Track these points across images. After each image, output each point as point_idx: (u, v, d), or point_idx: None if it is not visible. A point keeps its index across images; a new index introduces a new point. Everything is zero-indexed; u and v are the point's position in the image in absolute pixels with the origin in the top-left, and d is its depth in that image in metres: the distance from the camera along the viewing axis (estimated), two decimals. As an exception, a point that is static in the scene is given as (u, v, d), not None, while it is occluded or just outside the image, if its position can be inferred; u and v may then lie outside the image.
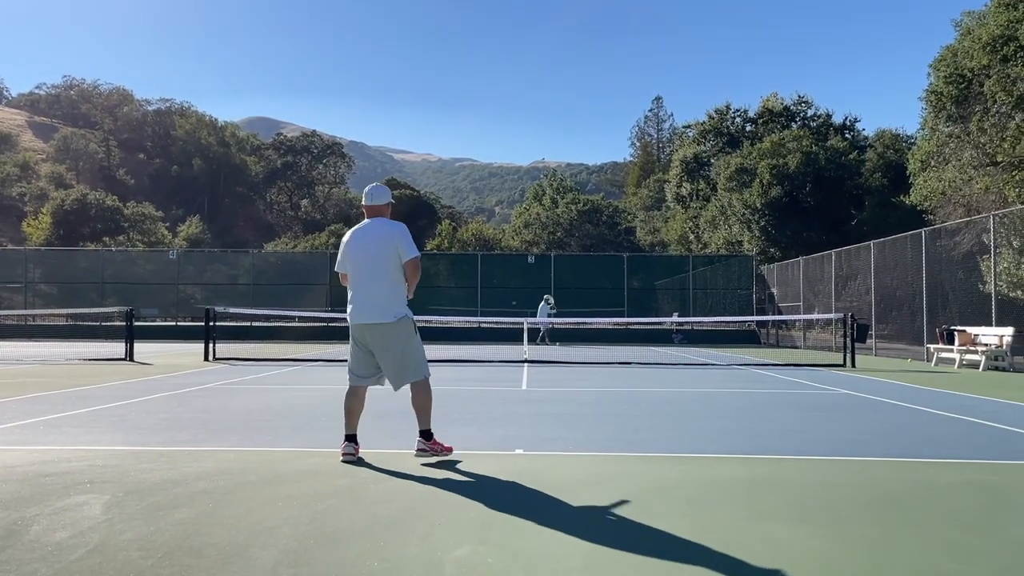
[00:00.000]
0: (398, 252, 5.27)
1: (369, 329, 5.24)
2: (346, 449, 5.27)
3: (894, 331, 21.85)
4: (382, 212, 5.49)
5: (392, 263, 5.27)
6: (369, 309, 5.23)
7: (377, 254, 5.27)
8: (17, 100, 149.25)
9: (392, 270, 5.28)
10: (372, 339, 5.26)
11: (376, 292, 5.25)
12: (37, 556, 3.17)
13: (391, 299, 5.26)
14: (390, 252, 5.26)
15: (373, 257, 5.27)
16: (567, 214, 71.46)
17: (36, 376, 12.40)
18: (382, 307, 5.22)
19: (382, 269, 5.26)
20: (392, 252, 5.26)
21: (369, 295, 5.25)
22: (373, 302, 5.24)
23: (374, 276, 5.27)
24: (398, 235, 5.30)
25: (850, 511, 4.05)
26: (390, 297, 5.26)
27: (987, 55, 24.28)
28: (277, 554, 3.22)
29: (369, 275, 5.28)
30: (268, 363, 16.04)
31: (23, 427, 6.80)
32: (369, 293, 5.26)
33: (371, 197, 5.50)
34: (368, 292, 5.26)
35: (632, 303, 33.55)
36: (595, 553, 3.30)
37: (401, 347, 5.24)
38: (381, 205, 5.50)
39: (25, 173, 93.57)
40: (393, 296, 5.27)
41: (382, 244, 5.28)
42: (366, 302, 5.25)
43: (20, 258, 37.37)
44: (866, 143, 46.63)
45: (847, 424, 7.46)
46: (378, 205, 5.49)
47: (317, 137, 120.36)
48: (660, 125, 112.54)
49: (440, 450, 5.26)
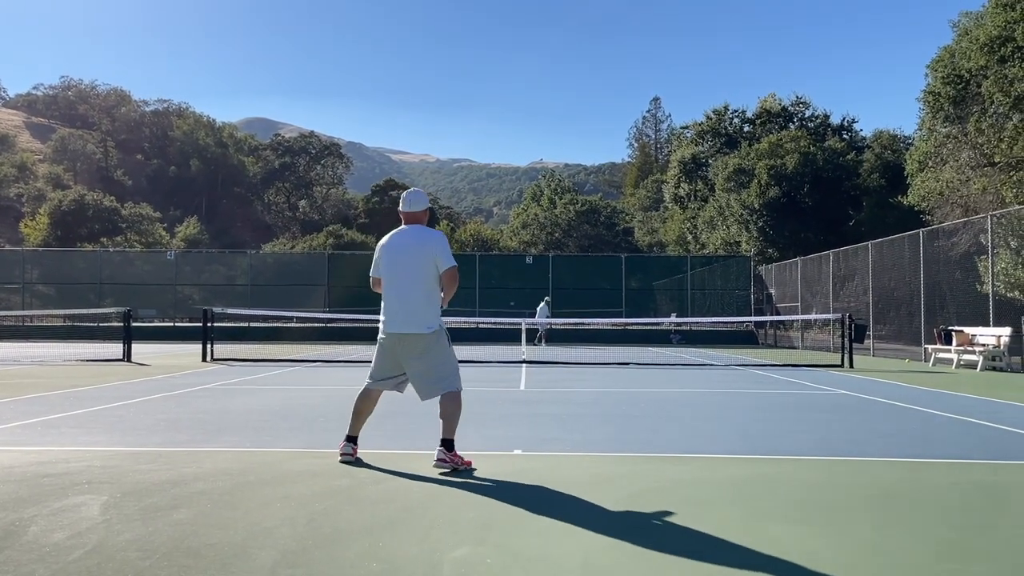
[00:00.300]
0: (435, 261, 5.12)
1: (402, 339, 5.10)
2: (345, 449, 5.22)
3: (892, 331, 21.88)
4: (419, 219, 5.31)
5: (429, 272, 5.12)
6: (404, 319, 5.09)
7: (414, 262, 5.12)
8: (14, 100, 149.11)
9: (429, 279, 5.13)
10: (404, 349, 5.11)
11: (412, 301, 5.09)
12: (35, 557, 3.17)
13: (426, 309, 5.10)
14: (427, 261, 5.11)
15: (409, 265, 5.12)
16: (565, 215, 71.49)
17: (34, 377, 12.39)
18: (417, 317, 5.07)
19: (418, 278, 5.11)
20: (430, 261, 5.11)
21: (404, 304, 5.10)
22: (408, 311, 5.09)
23: (410, 284, 5.11)
24: (436, 244, 5.15)
25: (848, 511, 4.05)
26: (426, 307, 5.10)
27: (984, 56, 24.31)
28: (276, 555, 3.21)
29: (405, 283, 5.12)
30: (266, 364, 16.03)
31: (21, 428, 6.79)
32: (404, 302, 5.10)
33: (409, 203, 5.32)
34: (403, 301, 5.11)
35: (630, 304, 33.58)
36: (593, 553, 3.30)
37: (433, 358, 5.11)
38: (419, 212, 5.32)
39: (22, 174, 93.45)
40: (428, 306, 5.11)
41: (420, 252, 5.13)
42: (400, 311, 5.11)
43: (17, 259, 37.35)
44: (864, 144, 46.72)
45: (845, 424, 7.46)
46: (416, 212, 5.30)
47: (315, 138, 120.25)
48: (658, 126, 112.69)
49: (460, 463, 5.02)
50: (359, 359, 18.13)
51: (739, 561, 3.19)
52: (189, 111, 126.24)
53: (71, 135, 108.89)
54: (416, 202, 5.34)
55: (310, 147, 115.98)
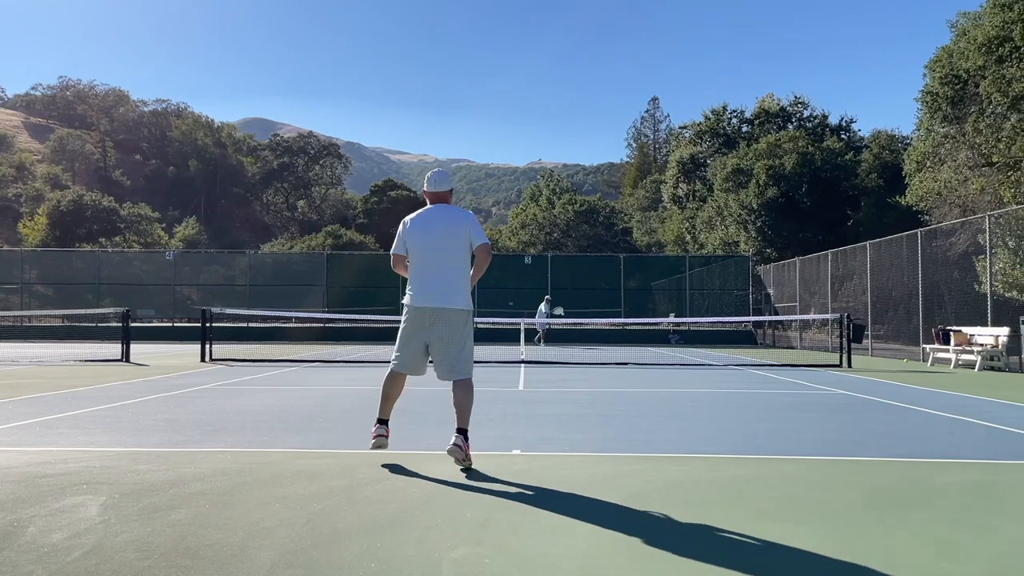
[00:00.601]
0: (469, 238, 5.18)
1: (438, 313, 5.06)
2: (378, 431, 5.18)
3: (890, 331, 21.90)
4: (445, 198, 5.38)
5: (463, 249, 5.16)
6: (440, 293, 5.07)
7: (448, 238, 5.15)
8: (13, 101, 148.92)
9: (463, 256, 5.17)
10: (436, 324, 5.07)
11: (448, 277, 5.10)
12: (33, 558, 3.16)
13: (463, 285, 5.15)
14: (462, 237, 5.16)
15: (443, 241, 5.14)
16: (564, 215, 71.51)
17: (32, 377, 12.37)
18: (455, 293, 5.09)
19: (453, 254, 5.14)
20: (464, 237, 5.16)
21: (440, 279, 5.09)
22: (444, 286, 5.08)
23: (445, 260, 5.12)
24: (470, 220, 5.24)
25: (846, 511, 4.05)
26: (463, 283, 5.15)
27: (982, 56, 24.33)
28: (274, 555, 3.21)
29: (439, 259, 5.12)
30: (265, 364, 16.03)
31: (19, 428, 6.78)
32: (440, 277, 5.10)
33: (435, 183, 5.38)
34: (438, 276, 5.10)
35: (629, 304, 33.59)
36: (592, 553, 3.30)
37: (461, 339, 5.12)
38: (444, 191, 5.38)
39: (21, 174, 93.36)
40: (464, 283, 5.16)
41: (454, 229, 5.17)
42: (435, 285, 5.09)
43: (16, 259, 37.32)
44: (862, 144, 46.71)
45: (843, 424, 7.47)
46: (441, 191, 5.37)
47: (314, 138, 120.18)
48: (656, 126, 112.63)
49: (469, 458, 5.02)
50: (358, 359, 18.12)
51: (738, 561, 3.20)
52: (188, 111, 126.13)
53: (70, 135, 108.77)
54: (442, 182, 5.41)
55: (309, 147, 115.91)
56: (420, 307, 5.12)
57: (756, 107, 52.38)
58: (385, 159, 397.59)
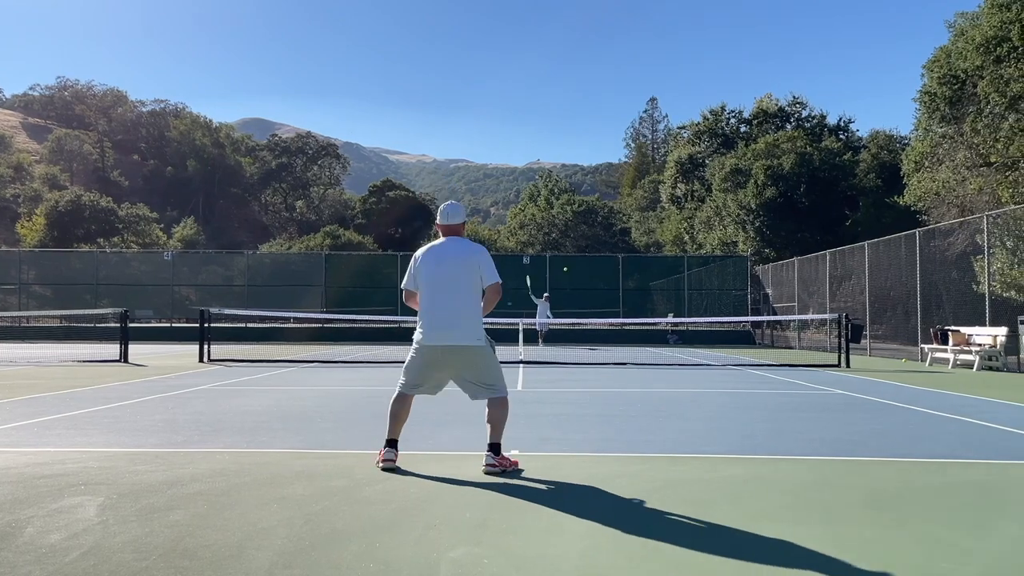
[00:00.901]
0: (480, 274, 5.12)
1: (452, 352, 5.04)
2: (387, 455, 5.06)
3: (888, 331, 21.91)
4: (458, 231, 5.31)
5: (475, 283, 5.11)
6: (453, 331, 5.03)
7: (460, 274, 5.09)
8: (11, 101, 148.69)
9: (475, 290, 5.12)
10: (453, 361, 5.06)
11: (461, 312, 5.05)
12: (31, 558, 3.16)
13: (475, 320, 5.10)
14: (473, 272, 5.10)
15: (456, 276, 5.08)
16: (562, 215, 71.52)
17: (30, 378, 12.36)
18: (467, 329, 5.05)
19: (465, 289, 5.08)
20: (475, 274, 5.10)
21: (452, 316, 5.04)
22: (457, 323, 5.03)
23: (458, 295, 5.06)
24: (481, 256, 5.17)
25: (845, 511, 4.06)
26: (474, 318, 5.10)
27: (980, 56, 24.35)
28: (272, 556, 3.21)
29: (451, 294, 5.06)
30: (263, 364, 16.02)
31: (17, 429, 6.77)
32: (452, 313, 5.05)
33: (448, 216, 5.30)
34: (450, 312, 5.05)
35: (627, 304, 33.59)
36: (591, 554, 3.30)
37: (484, 368, 5.11)
38: (457, 224, 5.30)
39: (19, 174, 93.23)
40: (476, 317, 5.11)
41: (465, 265, 5.11)
42: (448, 323, 5.04)
43: (14, 260, 37.29)
44: (860, 144, 46.76)
45: (842, 424, 7.47)
46: (454, 224, 5.29)
47: (312, 138, 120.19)
48: (655, 126, 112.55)
49: (508, 465, 4.99)
50: (356, 360, 18.11)
51: (737, 561, 3.20)
52: (186, 111, 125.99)
53: (68, 136, 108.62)
54: (455, 215, 5.33)
55: (307, 147, 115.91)
56: (430, 346, 5.07)
57: (754, 107, 52.40)
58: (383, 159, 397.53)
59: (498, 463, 4.95)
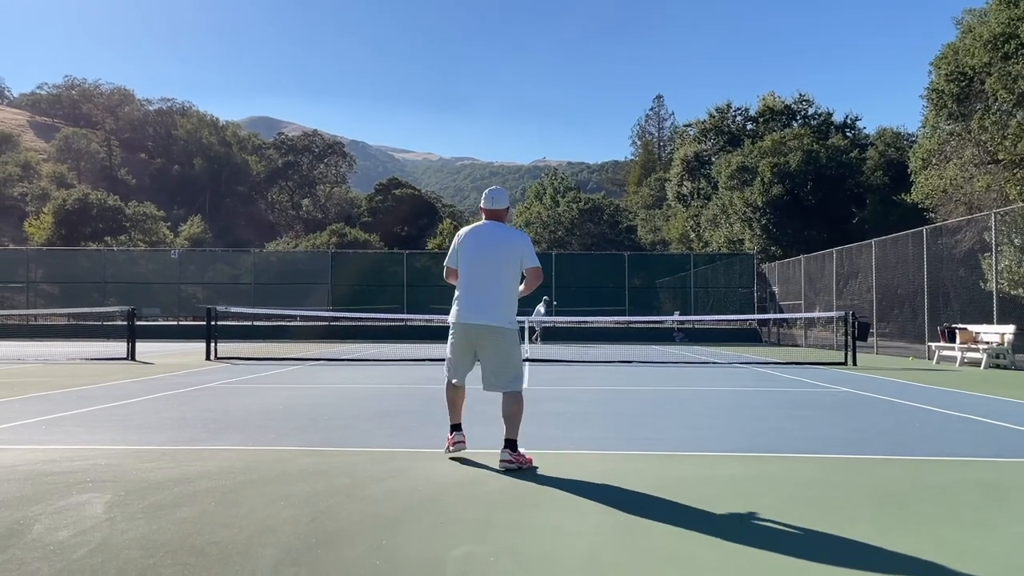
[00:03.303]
0: (521, 258, 5.19)
1: (481, 330, 5.11)
2: (456, 438, 5.23)
3: (895, 329, 21.85)
4: (501, 216, 5.39)
5: (515, 268, 5.19)
6: (485, 310, 5.11)
7: (500, 256, 5.17)
8: (19, 100, 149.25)
9: (513, 275, 5.19)
10: (480, 340, 5.14)
11: (495, 294, 5.13)
12: (39, 555, 3.18)
13: (509, 304, 5.18)
14: (514, 257, 5.18)
15: (495, 259, 5.17)
16: (568, 213, 71.42)
17: (38, 376, 12.42)
18: (500, 311, 5.12)
19: (503, 272, 5.16)
20: (515, 257, 5.18)
21: (486, 296, 5.12)
22: (490, 304, 5.11)
23: (495, 278, 5.15)
24: (522, 241, 5.27)
25: (851, 509, 4.05)
26: (509, 302, 5.18)
27: (988, 53, 24.25)
28: (279, 553, 3.22)
29: (490, 276, 5.15)
30: (270, 363, 16.05)
31: (25, 426, 6.81)
32: (486, 294, 5.13)
33: (492, 200, 5.39)
34: (485, 293, 5.13)
35: (633, 302, 33.54)
36: (595, 552, 3.31)
37: (507, 356, 5.15)
38: (501, 209, 5.38)
39: (27, 173, 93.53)
40: (511, 301, 5.19)
41: (507, 247, 5.19)
42: (481, 303, 5.12)
43: (22, 258, 37.44)
44: (867, 141, 46.63)
45: (848, 422, 7.46)
46: (498, 209, 5.37)
47: (318, 136, 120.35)
48: (661, 124, 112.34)
49: (524, 462, 4.99)
50: (362, 358, 18.13)
51: (741, 559, 3.20)
52: (192, 110, 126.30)
53: (75, 134, 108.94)
54: (499, 200, 5.42)
55: (313, 146, 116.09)
56: (463, 323, 5.16)
57: (760, 105, 52.28)
58: (390, 157, 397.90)
59: (514, 459, 4.96)
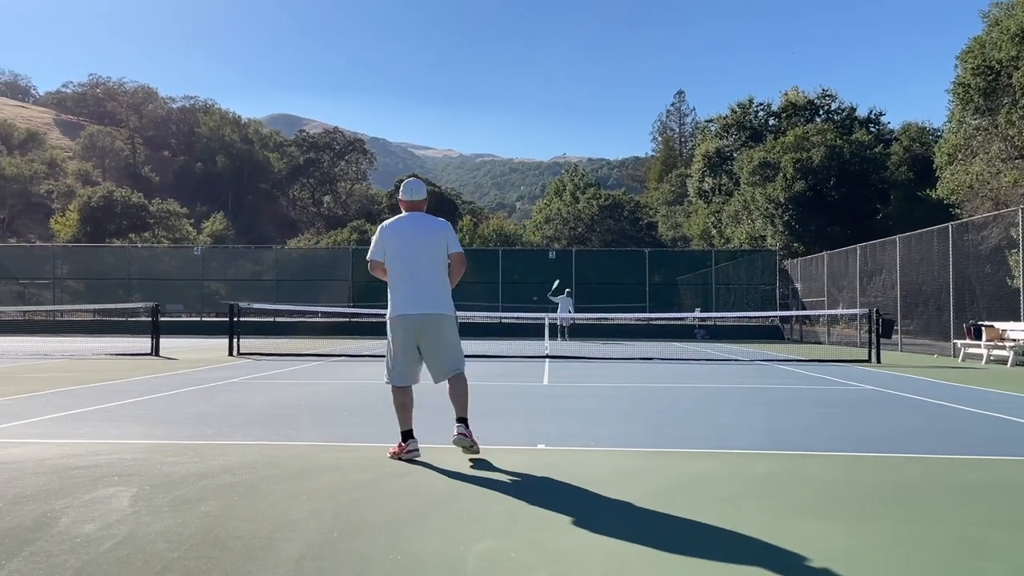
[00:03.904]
0: (446, 243, 5.35)
1: (427, 320, 5.20)
2: (410, 446, 5.20)
3: (920, 326, 21.60)
4: (420, 207, 5.53)
5: (443, 256, 5.36)
6: (429, 300, 5.22)
7: (429, 244, 5.31)
8: (44, 99, 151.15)
9: (442, 264, 5.36)
10: (426, 330, 5.21)
11: (434, 284, 5.27)
12: (66, 548, 3.22)
13: (446, 291, 5.36)
14: (440, 245, 5.34)
15: (425, 248, 5.30)
16: (588, 209, 71.20)
17: (64, 371, 12.58)
18: (441, 299, 5.27)
19: (435, 261, 5.32)
20: (442, 245, 5.34)
21: (426, 286, 5.24)
22: (431, 293, 5.24)
23: (429, 268, 5.28)
24: (446, 227, 5.47)
25: (876, 507, 4.01)
26: (444, 288, 5.35)
27: (1015, 46, 23.86)
28: (301, 547, 3.24)
29: (424, 267, 5.27)
30: (291, 358, 16.16)
31: (52, 421, 6.90)
32: (426, 284, 5.24)
33: (411, 192, 5.52)
34: (424, 283, 5.24)
35: (654, 298, 33.40)
36: (619, 548, 3.30)
37: (452, 339, 5.31)
38: (419, 200, 5.53)
39: (52, 171, 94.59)
40: (446, 287, 5.37)
41: (433, 237, 5.34)
42: (423, 293, 5.22)
43: (48, 255, 37.99)
44: (891, 136, 46.02)
45: (872, 420, 7.39)
46: (417, 200, 5.51)
47: (339, 133, 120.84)
48: (682, 119, 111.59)
49: (475, 441, 5.19)
50: (382, 354, 18.20)
51: (763, 557, 3.17)
52: (215, 108, 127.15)
53: (99, 132, 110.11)
54: (417, 191, 5.58)
55: (334, 143, 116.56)
56: (406, 315, 5.22)
57: (782, 100, 51.80)
58: (410, 154, 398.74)
59: (469, 434, 5.13)
